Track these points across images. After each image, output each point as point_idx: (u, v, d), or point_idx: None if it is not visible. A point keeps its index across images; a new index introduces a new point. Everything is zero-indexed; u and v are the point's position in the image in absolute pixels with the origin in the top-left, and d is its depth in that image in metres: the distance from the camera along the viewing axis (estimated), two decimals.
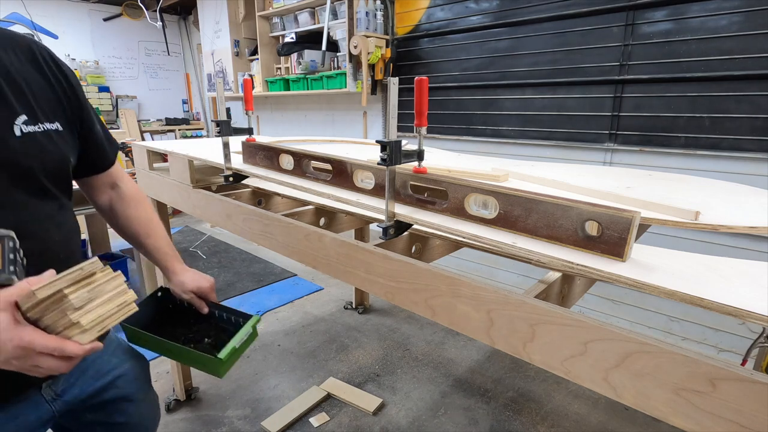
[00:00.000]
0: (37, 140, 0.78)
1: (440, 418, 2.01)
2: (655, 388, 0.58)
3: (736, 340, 2.15)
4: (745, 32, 1.90)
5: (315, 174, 1.21)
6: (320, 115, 4.16)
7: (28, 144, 0.76)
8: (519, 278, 2.93)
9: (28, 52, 0.81)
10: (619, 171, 1.33)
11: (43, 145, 0.79)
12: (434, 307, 0.85)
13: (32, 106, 0.78)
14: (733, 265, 0.72)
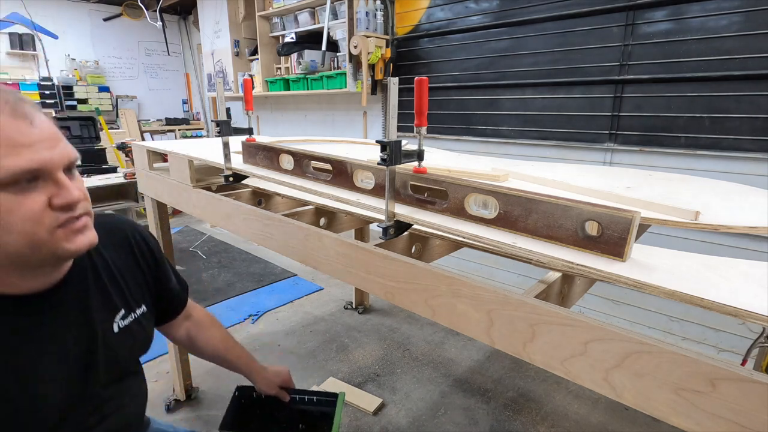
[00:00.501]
0: (131, 331, 0.80)
1: (440, 418, 2.01)
2: (655, 388, 0.58)
3: (736, 340, 2.15)
4: (745, 32, 1.90)
5: (315, 174, 1.21)
6: (320, 115, 4.16)
7: (123, 337, 0.78)
8: (519, 278, 2.93)
9: (124, 243, 0.84)
10: (619, 171, 1.33)
11: (135, 334, 0.81)
12: (434, 307, 0.85)
13: (127, 297, 0.80)
14: (733, 265, 0.72)
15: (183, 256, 4.06)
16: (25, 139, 0.54)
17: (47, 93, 4.98)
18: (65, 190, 0.57)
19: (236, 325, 2.82)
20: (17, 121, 0.53)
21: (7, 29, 4.89)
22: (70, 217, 0.58)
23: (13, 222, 0.53)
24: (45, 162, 0.55)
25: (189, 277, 3.59)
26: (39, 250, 0.57)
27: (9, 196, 0.53)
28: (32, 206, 0.54)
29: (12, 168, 0.52)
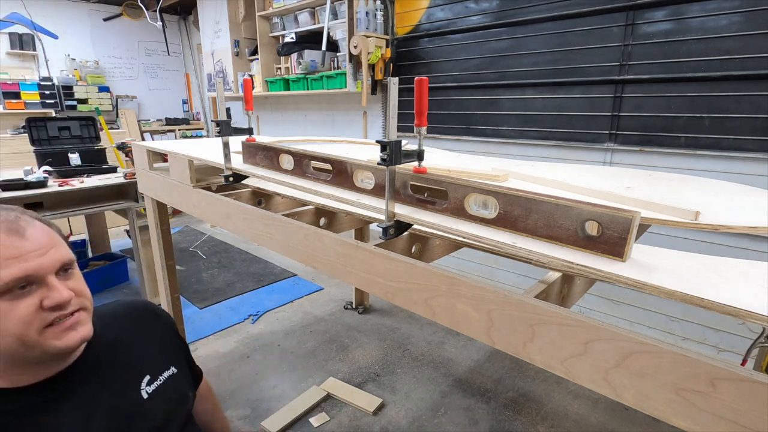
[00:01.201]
0: (162, 393, 0.84)
1: (440, 418, 2.01)
2: (655, 388, 0.58)
3: (736, 340, 2.15)
4: (745, 32, 1.90)
5: (315, 174, 1.21)
6: (320, 115, 4.16)
7: (155, 402, 0.82)
8: (519, 278, 2.93)
9: (140, 317, 0.91)
10: (619, 171, 1.33)
11: (168, 394, 0.85)
12: (434, 307, 0.85)
13: (151, 363, 0.86)
14: (733, 265, 0.72)
15: (183, 256, 4.06)
16: (17, 252, 0.62)
17: (47, 93, 4.97)
18: (54, 292, 0.64)
19: (236, 325, 2.82)
20: (11, 237, 0.62)
21: (7, 29, 4.88)
22: (59, 315, 0.65)
23: (7, 326, 0.61)
24: (34, 269, 0.62)
25: (189, 277, 3.59)
26: (32, 349, 0.63)
27: (3, 303, 0.60)
28: (24, 311, 0.61)
29: (4, 278, 0.60)
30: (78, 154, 3.05)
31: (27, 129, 3.03)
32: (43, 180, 2.56)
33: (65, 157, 3.00)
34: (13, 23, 4.91)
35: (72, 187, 2.57)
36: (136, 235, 2.82)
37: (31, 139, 3.02)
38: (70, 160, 3.01)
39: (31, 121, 3.03)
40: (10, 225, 0.64)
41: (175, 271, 2.17)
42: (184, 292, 3.27)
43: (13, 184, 2.45)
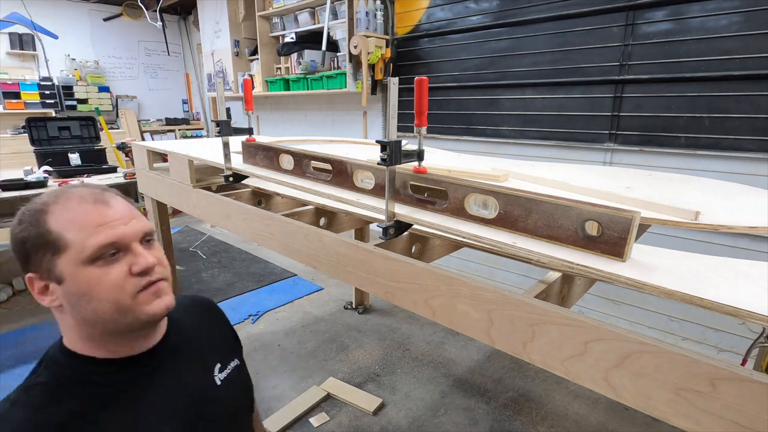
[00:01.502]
0: (231, 382, 0.85)
1: (440, 418, 2.01)
2: (655, 388, 0.58)
3: (736, 340, 2.15)
4: (745, 32, 1.90)
5: (315, 174, 1.21)
6: (320, 115, 4.16)
7: (227, 389, 0.84)
8: (519, 278, 2.93)
9: (207, 309, 0.95)
10: (619, 171, 1.33)
11: (236, 383, 0.87)
12: (434, 307, 0.85)
13: (220, 352, 0.88)
14: (733, 265, 0.72)
15: (183, 256, 4.06)
16: (104, 219, 0.65)
17: (47, 93, 4.97)
18: (140, 257, 0.67)
19: (236, 325, 2.81)
20: (98, 206, 0.66)
21: (7, 29, 4.88)
22: (148, 281, 0.67)
23: (102, 291, 0.63)
24: (120, 236, 0.65)
25: (189, 277, 3.59)
26: (125, 314, 0.65)
27: (96, 269, 0.63)
28: (116, 275, 0.64)
29: (95, 244, 0.63)
30: (78, 154, 3.05)
31: (27, 129, 3.03)
32: (43, 180, 2.56)
33: (65, 157, 3.01)
34: (13, 23, 4.91)
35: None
36: None
37: (31, 139, 3.02)
38: (70, 160, 3.01)
39: (31, 121, 3.03)
40: (97, 196, 0.67)
41: (175, 271, 2.17)
42: (184, 292, 3.27)
43: (13, 184, 2.45)
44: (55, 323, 0.69)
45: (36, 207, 0.65)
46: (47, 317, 2.86)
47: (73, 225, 0.63)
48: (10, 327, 2.76)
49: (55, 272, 0.63)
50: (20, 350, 2.51)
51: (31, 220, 0.63)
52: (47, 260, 0.63)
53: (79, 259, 0.62)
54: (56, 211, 0.64)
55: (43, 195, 0.67)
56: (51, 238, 0.62)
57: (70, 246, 0.62)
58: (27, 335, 2.67)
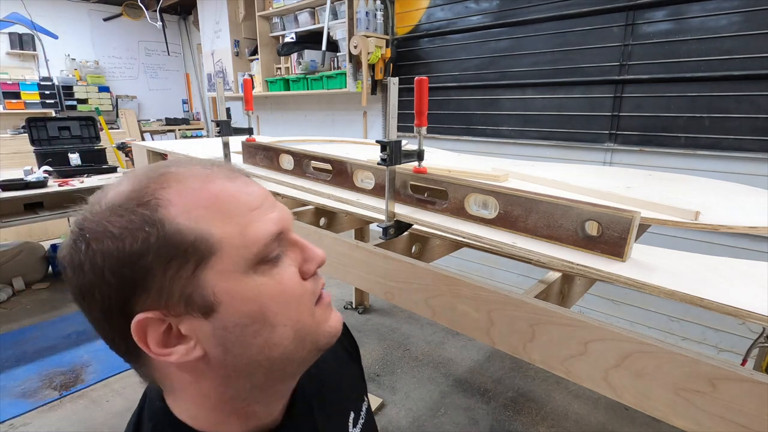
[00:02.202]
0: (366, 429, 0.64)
1: (440, 418, 2.01)
2: (655, 388, 0.58)
3: (736, 340, 2.15)
4: (745, 32, 1.90)
5: (315, 174, 1.21)
6: (320, 115, 4.16)
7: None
8: (519, 278, 2.93)
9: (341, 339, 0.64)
10: (619, 171, 1.33)
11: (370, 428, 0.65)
12: (434, 307, 0.85)
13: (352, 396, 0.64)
14: (733, 265, 0.72)
15: None
16: (255, 201, 0.41)
17: (47, 93, 4.97)
18: (309, 251, 0.44)
19: None
20: (236, 184, 0.41)
21: (7, 29, 4.88)
22: (321, 287, 0.46)
23: (280, 309, 0.40)
24: (284, 221, 0.43)
25: None
26: (303, 343, 0.42)
27: (263, 278, 0.39)
28: (291, 282, 0.42)
29: (261, 234, 0.39)
30: (78, 154, 3.05)
31: (27, 129, 3.03)
32: (43, 180, 2.56)
33: (65, 157, 3.01)
34: (13, 23, 4.91)
35: (72, 187, 2.57)
36: None
37: (31, 139, 3.02)
38: (70, 160, 3.01)
39: (31, 121, 3.03)
40: (225, 171, 0.42)
41: None
42: None
43: (13, 184, 2.45)
44: (55, 323, 0.55)
45: (134, 200, 0.37)
46: (47, 317, 2.87)
47: (218, 215, 0.38)
48: (10, 327, 2.76)
49: (200, 295, 0.37)
50: (20, 350, 2.51)
51: (140, 221, 0.36)
52: (183, 280, 0.37)
53: (242, 264, 0.38)
54: (176, 199, 0.37)
55: (129, 182, 0.39)
56: (188, 243, 0.36)
57: (222, 247, 0.37)
58: (27, 335, 2.67)
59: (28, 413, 2.02)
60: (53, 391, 2.17)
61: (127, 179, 0.40)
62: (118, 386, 2.21)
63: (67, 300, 3.14)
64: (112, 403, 2.09)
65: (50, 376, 2.28)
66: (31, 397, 2.13)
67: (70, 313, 2.95)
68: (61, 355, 2.47)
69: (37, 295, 3.22)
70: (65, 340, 2.61)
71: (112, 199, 0.38)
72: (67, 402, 2.10)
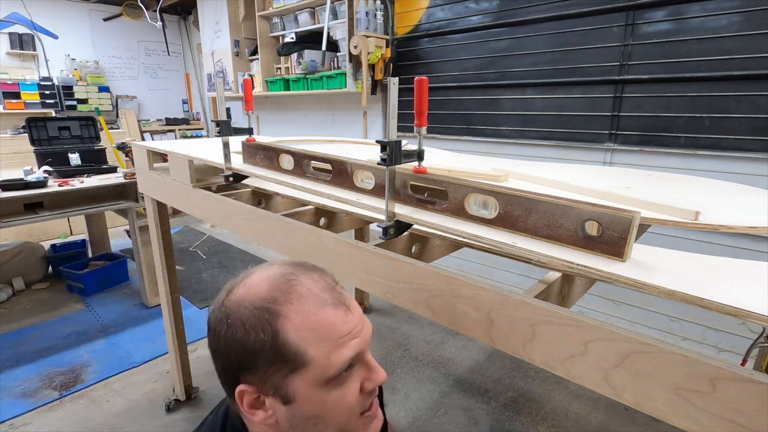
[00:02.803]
0: None
1: (440, 418, 2.01)
2: (655, 388, 0.58)
3: (736, 340, 2.15)
4: (745, 32, 1.90)
5: (315, 174, 1.21)
6: (320, 115, 4.16)
7: None
8: (519, 278, 2.93)
9: None
10: (619, 171, 1.32)
11: None
12: (434, 307, 0.85)
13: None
14: (733, 265, 0.72)
15: (183, 256, 4.06)
16: (347, 329, 0.53)
17: (47, 93, 4.97)
18: (376, 372, 0.55)
19: None
20: (338, 312, 0.53)
21: (7, 29, 4.88)
22: (372, 400, 0.57)
23: (336, 416, 0.52)
24: (361, 347, 0.54)
25: (189, 277, 3.59)
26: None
27: (334, 390, 0.52)
28: (351, 396, 0.53)
29: (340, 361, 0.51)
30: (78, 154, 3.05)
31: (27, 129, 3.03)
32: (43, 180, 2.56)
33: (65, 157, 3.01)
34: (13, 23, 4.91)
35: (72, 187, 2.58)
36: (136, 235, 2.82)
37: (31, 139, 3.02)
38: (70, 160, 3.01)
39: (31, 121, 3.03)
40: (334, 296, 0.54)
41: (175, 271, 2.17)
42: (184, 292, 3.27)
43: (13, 184, 2.45)
44: (55, 323, 0.65)
45: (264, 305, 0.51)
46: (47, 317, 2.87)
47: (316, 337, 0.51)
48: (10, 327, 2.76)
49: (285, 391, 0.51)
50: (20, 350, 2.51)
51: (262, 324, 0.50)
52: (279, 377, 0.51)
53: (319, 379, 0.51)
54: (293, 316, 0.51)
55: (264, 283, 0.53)
56: (290, 353, 0.50)
57: (312, 363, 0.50)
58: (27, 335, 2.67)
59: (28, 413, 2.02)
60: (53, 391, 2.17)
61: (262, 280, 0.55)
62: (118, 386, 2.21)
63: (67, 300, 3.15)
64: (112, 403, 2.09)
65: (50, 376, 2.28)
66: (31, 397, 2.13)
67: (70, 313, 2.95)
68: (61, 355, 2.48)
69: (37, 295, 3.22)
70: (65, 340, 2.61)
71: (255, 293, 0.53)
72: (67, 402, 2.10)
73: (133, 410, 2.02)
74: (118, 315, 2.93)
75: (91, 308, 3.03)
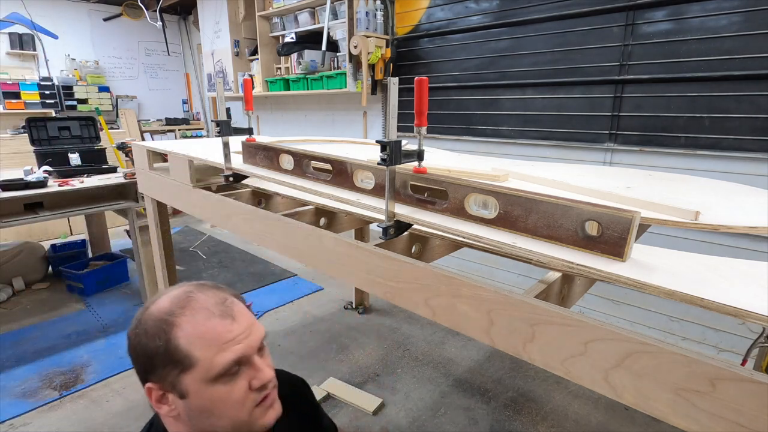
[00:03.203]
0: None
1: (440, 418, 2.01)
2: (655, 388, 0.58)
3: (736, 340, 2.15)
4: (745, 32, 1.90)
5: (315, 174, 1.21)
6: (320, 115, 4.16)
7: None
8: (519, 278, 2.93)
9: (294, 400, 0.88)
10: (619, 171, 1.33)
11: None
12: (434, 307, 0.85)
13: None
14: (733, 265, 0.72)
15: (183, 256, 4.06)
16: (231, 335, 0.65)
17: (47, 93, 4.97)
18: (261, 372, 0.67)
19: None
20: (224, 321, 0.65)
21: (7, 29, 4.88)
22: (264, 395, 0.68)
23: (225, 409, 0.64)
24: (245, 350, 0.65)
25: (189, 277, 3.59)
26: (240, 429, 0.66)
27: (220, 387, 0.63)
28: (239, 393, 0.64)
29: (223, 363, 0.63)
30: (78, 154, 3.05)
31: (27, 129, 3.03)
32: (43, 180, 2.56)
33: (65, 157, 3.00)
34: (13, 23, 4.91)
35: (72, 187, 2.57)
36: (136, 235, 2.82)
37: (31, 139, 3.02)
38: (70, 160, 3.01)
39: (31, 121, 3.03)
40: (222, 308, 0.66)
41: (175, 271, 2.17)
42: None
43: (13, 184, 2.45)
44: (55, 323, 0.69)
45: (162, 317, 0.63)
46: (47, 317, 2.87)
47: (202, 342, 0.62)
48: (10, 327, 2.76)
49: (179, 387, 0.63)
50: (20, 350, 2.51)
51: (159, 333, 0.62)
52: (173, 376, 0.62)
53: (206, 377, 0.62)
54: (184, 325, 0.63)
55: (165, 298, 0.66)
56: (180, 356, 0.62)
57: (198, 364, 0.62)
58: (27, 335, 2.67)
59: (28, 413, 2.02)
60: (53, 391, 2.17)
61: (167, 297, 0.67)
62: (118, 386, 2.21)
63: (67, 300, 3.15)
64: (112, 403, 2.09)
65: (50, 376, 2.28)
66: (31, 397, 2.13)
67: (70, 313, 2.95)
68: (61, 355, 2.47)
69: (37, 295, 3.22)
70: (65, 340, 2.61)
71: (158, 308, 0.65)
72: (67, 402, 2.10)
73: (134, 410, 2.02)
74: (118, 315, 2.93)
75: (91, 308, 3.03)
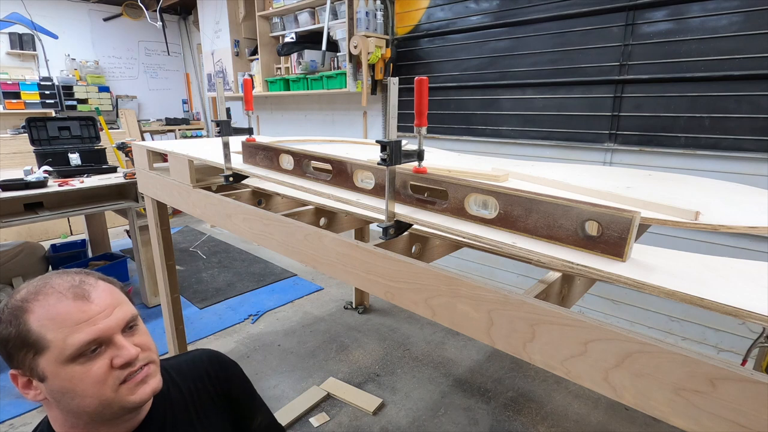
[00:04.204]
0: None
1: (440, 418, 2.01)
2: (655, 388, 0.58)
3: (736, 340, 2.15)
4: (745, 32, 1.90)
5: (315, 174, 1.21)
6: (320, 115, 4.16)
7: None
8: (519, 278, 2.93)
9: (203, 374, 0.92)
10: (619, 171, 1.32)
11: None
12: (434, 307, 0.85)
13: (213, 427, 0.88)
14: (733, 265, 0.72)
15: (183, 256, 4.06)
16: (85, 316, 0.65)
17: (47, 93, 4.97)
18: (123, 350, 0.67)
19: (236, 325, 2.82)
20: (77, 302, 0.65)
21: (7, 29, 4.88)
22: (130, 372, 0.68)
23: (85, 388, 0.64)
24: (102, 331, 0.65)
25: (189, 277, 3.59)
26: (109, 406, 0.66)
27: (77, 367, 0.64)
28: (97, 372, 0.64)
29: (75, 343, 0.63)
30: (78, 154, 3.05)
31: (27, 129, 3.03)
32: (43, 180, 2.56)
33: (65, 157, 3.00)
34: (13, 23, 4.91)
35: (72, 187, 2.58)
36: (136, 235, 2.82)
37: (31, 139, 3.02)
38: (70, 160, 3.01)
39: (31, 121, 3.02)
40: (76, 290, 0.67)
41: (175, 271, 2.17)
42: (184, 292, 3.27)
43: (13, 184, 2.45)
44: None
45: (15, 304, 0.64)
46: None
47: (53, 324, 0.63)
48: None
49: (38, 371, 0.63)
50: None
51: (11, 319, 0.63)
52: (29, 359, 0.63)
53: (60, 358, 0.62)
54: (36, 309, 0.63)
55: (23, 288, 0.67)
56: (32, 339, 0.62)
57: (51, 346, 0.62)
58: None
59: (28, 413, 2.03)
60: None
61: (26, 286, 0.67)
62: None
63: None
64: None
65: None
66: None
67: None
68: None
69: None
70: None
71: (15, 297, 0.65)
72: None
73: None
74: None
75: None
